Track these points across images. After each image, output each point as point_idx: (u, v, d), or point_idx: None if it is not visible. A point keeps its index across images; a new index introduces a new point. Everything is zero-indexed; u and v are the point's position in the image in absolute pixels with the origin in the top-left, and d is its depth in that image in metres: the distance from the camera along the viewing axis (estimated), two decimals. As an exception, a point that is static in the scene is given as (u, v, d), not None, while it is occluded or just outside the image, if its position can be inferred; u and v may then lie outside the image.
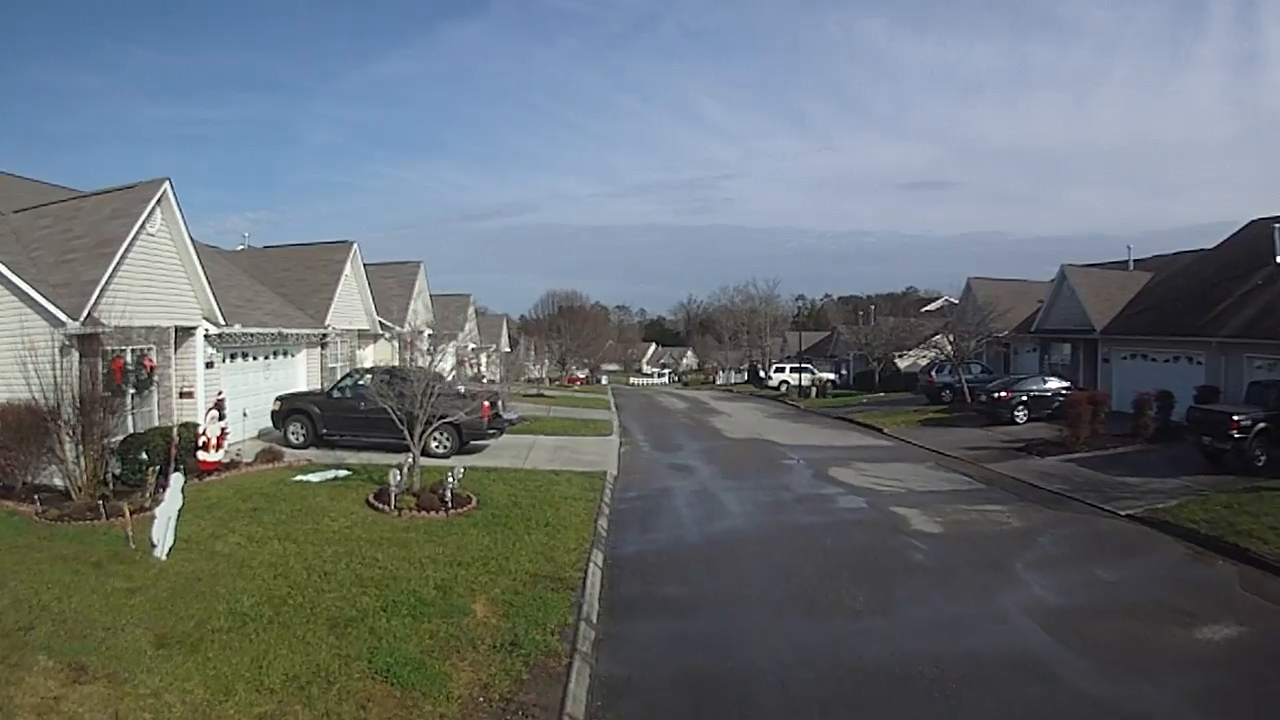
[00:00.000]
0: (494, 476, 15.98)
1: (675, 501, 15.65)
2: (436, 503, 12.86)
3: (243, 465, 16.72)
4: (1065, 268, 32.33)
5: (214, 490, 14.55)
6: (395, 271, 34.68)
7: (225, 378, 19.96)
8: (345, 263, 25.84)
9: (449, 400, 15.50)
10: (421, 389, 13.69)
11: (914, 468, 19.87)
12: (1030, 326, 34.51)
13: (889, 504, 15.37)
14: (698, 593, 9.97)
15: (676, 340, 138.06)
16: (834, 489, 17.08)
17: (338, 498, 13.90)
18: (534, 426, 24.99)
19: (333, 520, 12.45)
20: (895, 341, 49.77)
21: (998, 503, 15.48)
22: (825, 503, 15.76)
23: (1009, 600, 9.87)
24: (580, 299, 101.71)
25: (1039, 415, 25.70)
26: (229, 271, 24.58)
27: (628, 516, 14.04)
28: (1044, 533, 13.23)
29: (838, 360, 64.07)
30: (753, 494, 16.41)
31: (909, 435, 26.13)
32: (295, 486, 14.86)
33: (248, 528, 12.06)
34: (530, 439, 22.46)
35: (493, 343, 60.27)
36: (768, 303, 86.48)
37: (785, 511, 14.81)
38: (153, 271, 16.92)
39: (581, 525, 12.55)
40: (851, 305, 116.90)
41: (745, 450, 23.20)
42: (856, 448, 23.92)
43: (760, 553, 11.83)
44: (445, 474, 13.86)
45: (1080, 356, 31.32)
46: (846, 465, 20.08)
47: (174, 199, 17.19)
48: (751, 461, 20.98)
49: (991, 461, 20.06)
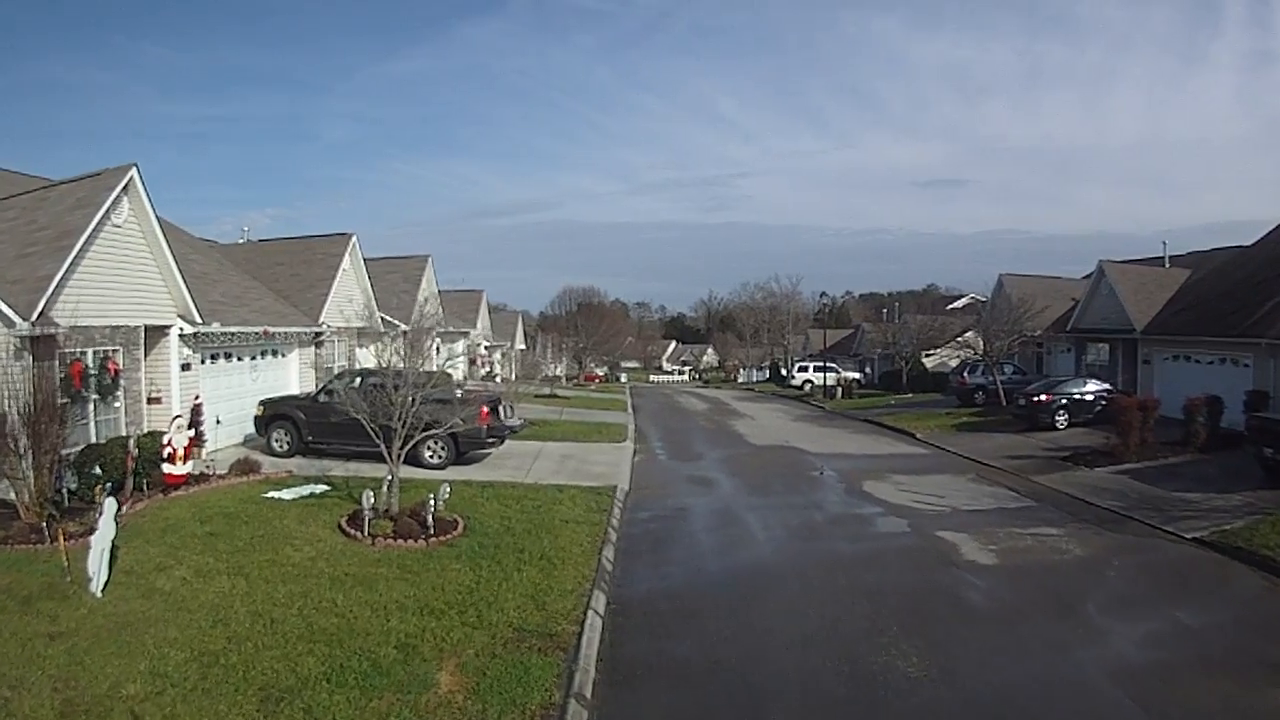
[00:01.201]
0: (489, 494, 14.26)
1: (693, 524, 13.85)
2: (416, 529, 11.16)
3: (214, 478, 15.15)
4: (1104, 264, 30.73)
5: (174, 509, 13.02)
6: (401, 266, 33.20)
7: (206, 381, 18.44)
8: (343, 256, 24.28)
9: (441, 407, 13.89)
10: (401, 398, 11.95)
11: (954, 480, 18.07)
12: (1066, 325, 32.82)
13: (934, 527, 13.53)
14: (719, 653, 8.14)
15: (697, 337, 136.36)
16: (870, 508, 15.25)
17: (308, 520, 12.26)
18: (542, 431, 23.29)
19: (296, 549, 10.83)
20: (924, 340, 47.67)
21: (1052, 524, 13.69)
22: (862, 526, 13.93)
23: (1088, 658, 8.08)
24: (598, 295, 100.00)
25: (1080, 420, 24.22)
26: (219, 266, 23.10)
27: (638, 544, 12.21)
28: (1109, 563, 11.59)
29: (862, 359, 62.16)
30: (780, 514, 14.56)
31: (944, 441, 24.32)
32: (265, 505, 13.25)
33: (199, 558, 10.50)
34: (537, 446, 20.76)
35: (507, 340, 58.76)
36: (789, 299, 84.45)
37: (818, 538, 12.96)
38: (119, 266, 15.44)
39: (583, 557, 10.79)
40: (872, 302, 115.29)
41: (771, 459, 21.34)
42: (890, 456, 22.05)
43: (792, 596, 9.99)
44: (433, 491, 12.24)
45: (1119, 357, 29.72)
46: (881, 478, 18.23)
47: (142, 187, 15.66)
48: (778, 473, 19.12)
49: (1037, 473, 18.37)
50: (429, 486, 14.21)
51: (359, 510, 11.50)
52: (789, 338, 80.00)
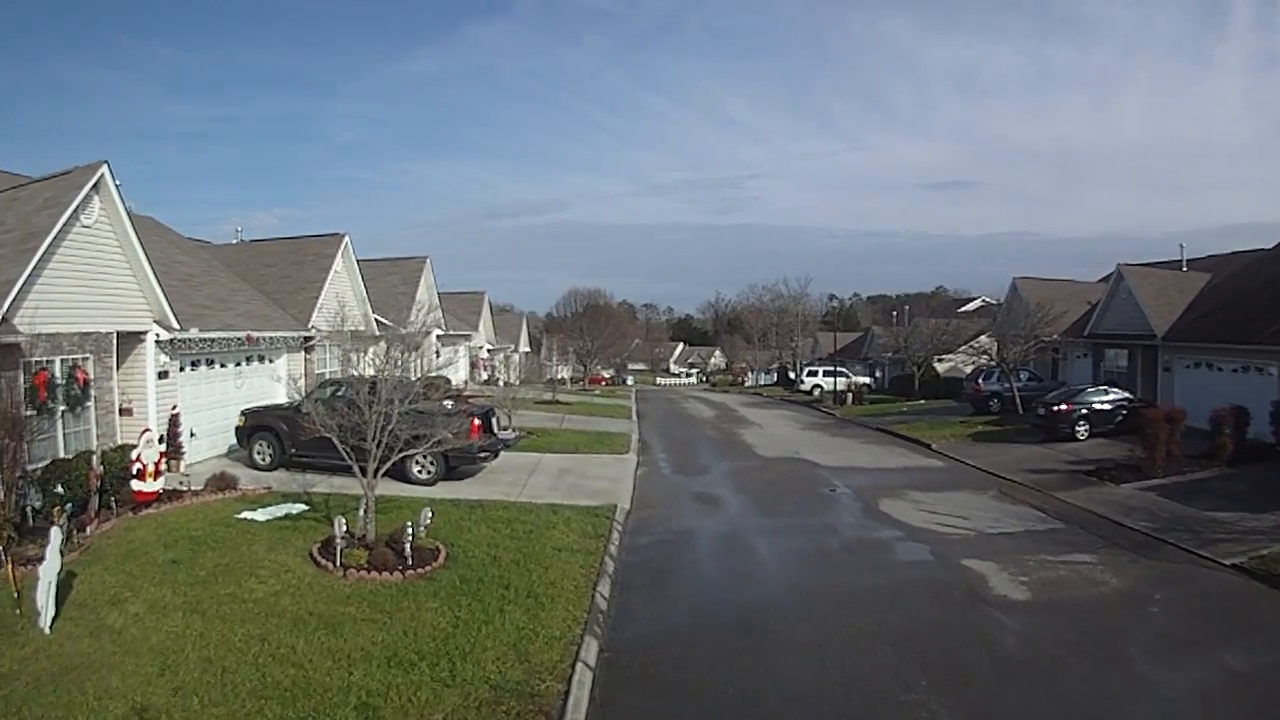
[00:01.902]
0: (477, 515, 13.24)
1: (698, 551, 12.82)
2: (392, 559, 10.18)
3: (188, 495, 14.27)
4: (1122, 267, 29.80)
5: (141, 530, 12.14)
6: (399, 267, 32.31)
7: (186, 389, 17.55)
8: (335, 257, 23.36)
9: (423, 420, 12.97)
10: (375, 414, 10.95)
11: (976, 499, 17.00)
12: (1083, 330, 31.79)
13: (958, 554, 12.47)
14: (725, 714, 7.16)
15: (705, 339, 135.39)
16: (888, 530, 14.21)
17: (278, 546, 11.31)
18: (540, 442, 22.29)
19: (260, 581, 9.88)
20: (937, 345, 46.54)
21: (1083, 549, 12.76)
22: (881, 553, 12.88)
23: (1140, 716, 7.13)
24: (604, 296, 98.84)
25: (1101, 430, 23.26)
26: (207, 268, 22.22)
27: (636, 577, 11.12)
28: (1149, 597, 10.65)
29: (872, 363, 61.02)
30: (792, 539, 13.53)
31: (961, 453, 23.22)
32: (236, 527, 12.31)
33: (156, 590, 9.60)
34: (534, 458, 19.76)
35: (511, 343, 57.81)
36: (798, 302, 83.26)
37: (833, 568, 11.92)
38: (90, 269, 14.56)
39: (575, 593, 9.78)
40: (881, 305, 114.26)
41: (781, 473, 20.28)
42: (906, 470, 20.98)
43: (807, 642, 8.95)
44: (415, 513, 11.31)
45: (1139, 364, 28.70)
46: (898, 495, 17.18)
47: (113, 185, 14.78)
48: (789, 489, 18.08)
49: (1061, 489, 17.37)
50: (414, 506, 13.27)
51: (333, 537, 10.54)
52: (798, 340, 78.76)
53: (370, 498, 10.99)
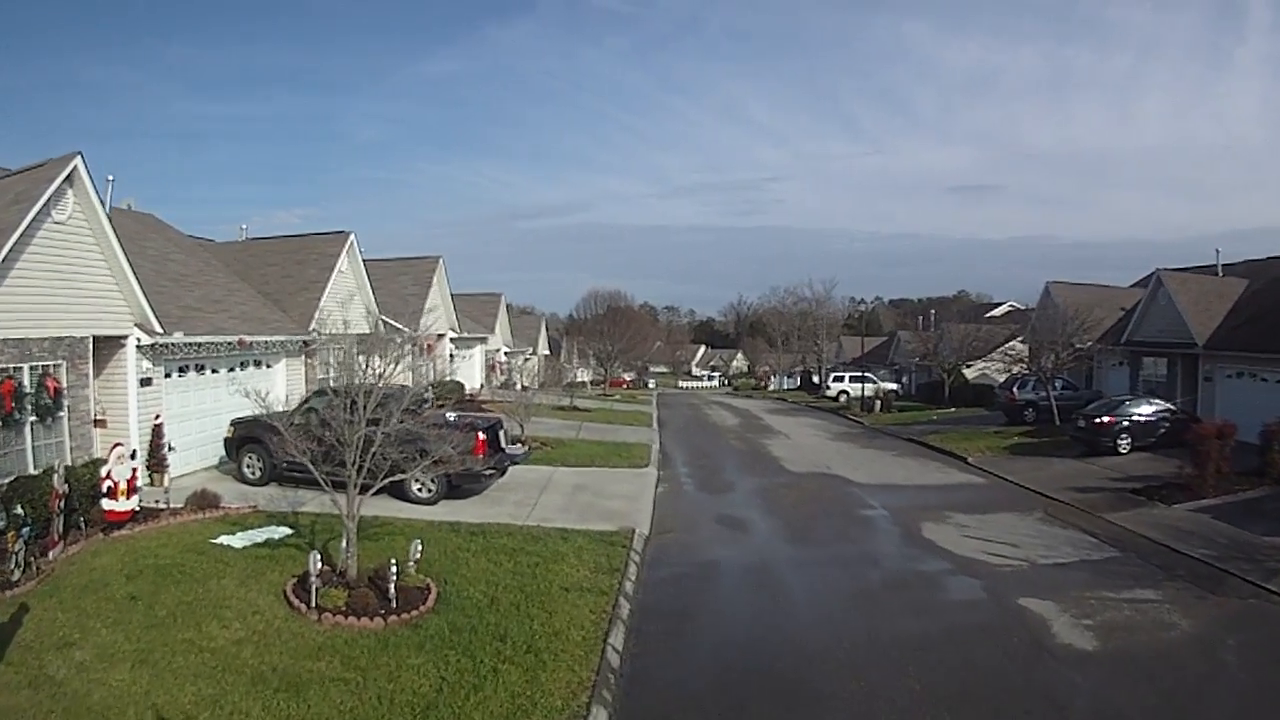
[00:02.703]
0: (477, 544, 11.81)
1: (724, 590, 11.33)
2: (374, 603, 8.86)
3: (165, 515, 13.08)
4: (1161, 273, 28.45)
5: (106, 557, 10.97)
6: (411, 267, 31.09)
7: (174, 397, 16.40)
8: (339, 256, 22.15)
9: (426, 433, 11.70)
10: (355, 432, 9.61)
11: (1022, 522, 15.57)
12: (1119, 338, 30.35)
13: (1014, 591, 11.07)
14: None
15: (726, 342, 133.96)
16: (934, 561, 12.73)
17: (252, 579, 10.03)
18: (554, 454, 20.91)
19: (224, 625, 8.62)
20: (967, 351, 44.79)
21: (1145, 583, 11.52)
22: (929, 591, 11.40)
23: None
24: (625, 298, 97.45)
25: (1143, 444, 22.04)
26: (205, 267, 21.11)
27: (655, 624, 9.66)
28: (1223, 643, 9.47)
29: (898, 369, 59.25)
30: (829, 574, 12.04)
31: (999, 468, 21.75)
32: (209, 555, 11.06)
33: (109, 632, 8.46)
34: (547, 473, 18.38)
35: (529, 346, 56.56)
36: (821, 304, 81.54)
37: (877, 611, 10.42)
38: (63, 269, 13.45)
39: (583, 646, 8.38)
40: (903, 308, 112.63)
41: (812, 491, 18.76)
42: (944, 488, 19.48)
43: (851, 707, 7.51)
44: (409, 540, 10.00)
45: (1178, 374, 27.31)
46: (940, 518, 15.69)
47: (89, 179, 13.63)
48: (822, 511, 16.57)
49: (1109, 510, 16.04)
50: (410, 530, 12.00)
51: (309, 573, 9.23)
52: (822, 344, 77.05)
53: (351, 530, 9.65)
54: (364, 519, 12.22)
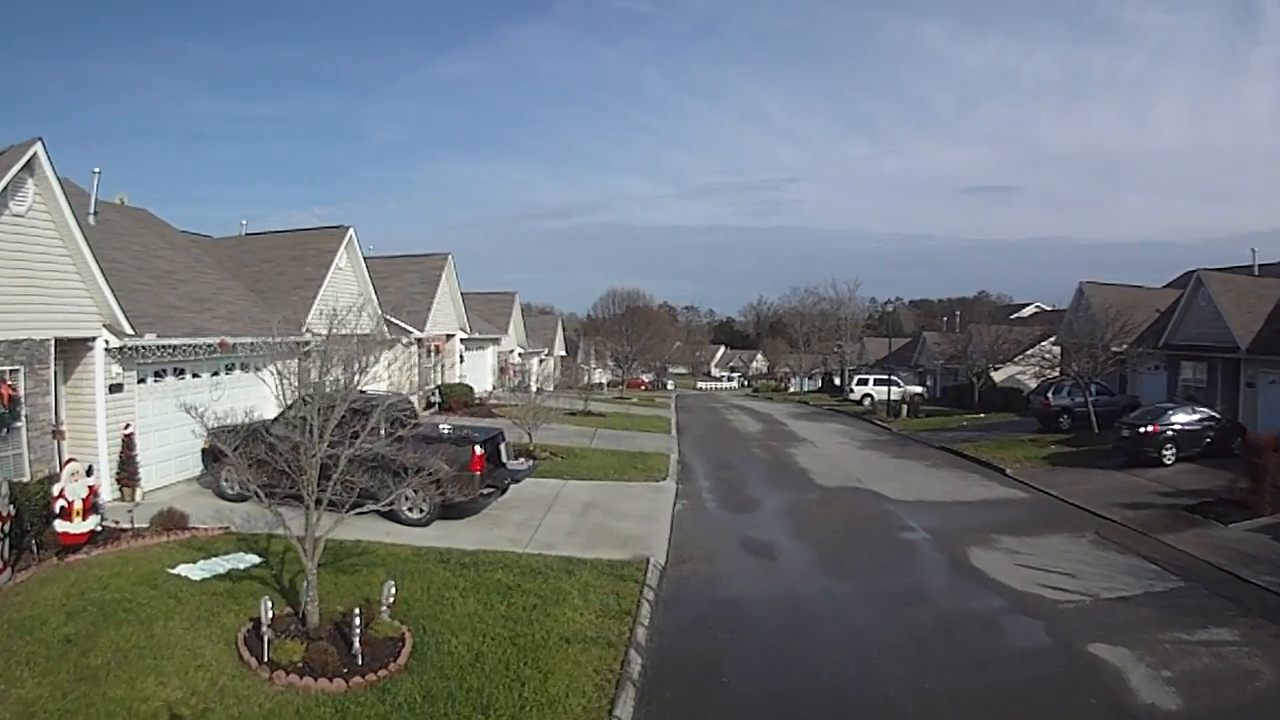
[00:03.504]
0: (468, 579, 10.26)
1: (751, 637, 9.67)
2: (335, 660, 7.42)
3: (126, 537, 11.77)
4: (1202, 273, 27.29)
5: (51, 589, 9.73)
6: (418, 264, 29.78)
7: (150, 403, 15.14)
8: (337, 252, 20.84)
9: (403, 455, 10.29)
10: (316, 451, 8.18)
11: (1075, 545, 14.13)
12: (1158, 340, 28.91)
13: (1080, 635, 9.63)
14: None
15: (746, 343, 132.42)
16: (988, 598, 11.17)
17: (204, 621, 8.65)
18: (565, 465, 19.40)
19: (162, 682, 7.30)
20: (998, 353, 43.02)
21: (1217, 620, 10.25)
22: (986, 635, 9.88)
23: None
24: (643, 297, 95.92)
25: (1188, 454, 20.89)
26: (194, 263, 19.88)
27: (672, 685, 8.04)
28: None
29: (922, 370, 57.47)
30: (871, 614, 10.46)
31: (1040, 481, 20.22)
32: (163, 588, 9.70)
33: (33, 686, 7.32)
34: (555, 487, 16.89)
35: (545, 346, 55.16)
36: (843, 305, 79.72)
37: (931, 664, 8.82)
38: (21, 266, 12.28)
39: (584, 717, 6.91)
40: (923, 309, 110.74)
41: (845, 509, 17.14)
42: (986, 504, 17.93)
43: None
44: (393, 570, 8.57)
45: (1219, 379, 26.12)
46: (987, 541, 14.13)
47: (50, 168, 12.40)
48: (857, 533, 14.97)
49: (1164, 531, 14.67)
50: (393, 560, 10.59)
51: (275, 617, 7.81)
52: (845, 345, 75.18)
53: (310, 571, 8.22)
54: (343, 544, 10.87)
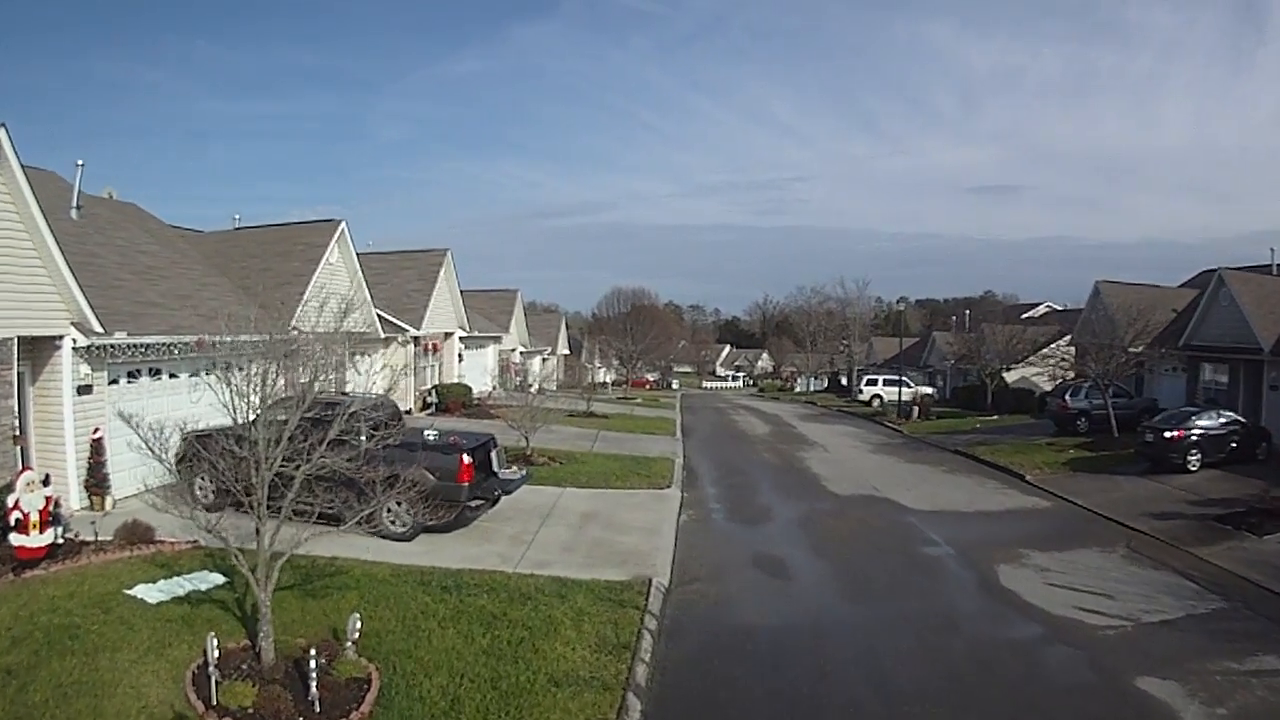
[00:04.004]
0: (449, 606, 9.26)
1: (765, 675, 8.62)
2: (289, 705, 6.48)
3: (88, 551, 10.89)
4: (1224, 272, 26.40)
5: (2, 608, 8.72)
6: (415, 261, 28.88)
7: (127, 405, 14.14)
8: (327, 246, 19.94)
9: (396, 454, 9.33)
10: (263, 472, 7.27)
11: (1107, 560, 13.27)
12: (1177, 341, 27.95)
13: (1125, 666, 8.81)
14: None
15: (752, 342, 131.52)
16: (1022, 623, 10.25)
17: (154, 653, 7.76)
18: (564, 471, 18.41)
19: (95, 731, 6.32)
20: (1011, 354, 42.00)
21: (1266, 646, 9.47)
22: (1024, 667, 8.96)
23: None
24: (649, 296, 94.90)
25: (1213, 460, 20.22)
26: (179, 259, 19.02)
27: None
28: None
29: (931, 371, 56.51)
30: (899, 646, 9.45)
31: (1063, 488, 19.29)
32: (117, 612, 8.84)
33: None
34: (552, 495, 15.93)
35: (548, 345, 54.23)
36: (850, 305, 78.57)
37: (969, 707, 7.82)
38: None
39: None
40: (929, 309, 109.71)
41: (862, 520, 16.12)
42: (1010, 515, 16.96)
43: None
44: (370, 591, 7.67)
45: (1240, 381, 25.33)
46: (1015, 557, 13.19)
47: (14, 158, 11.51)
48: (877, 549, 13.95)
49: (1197, 544, 13.88)
50: (366, 584, 9.68)
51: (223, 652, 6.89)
52: (853, 345, 74.09)
53: (264, 602, 7.29)
54: (316, 561, 9.97)
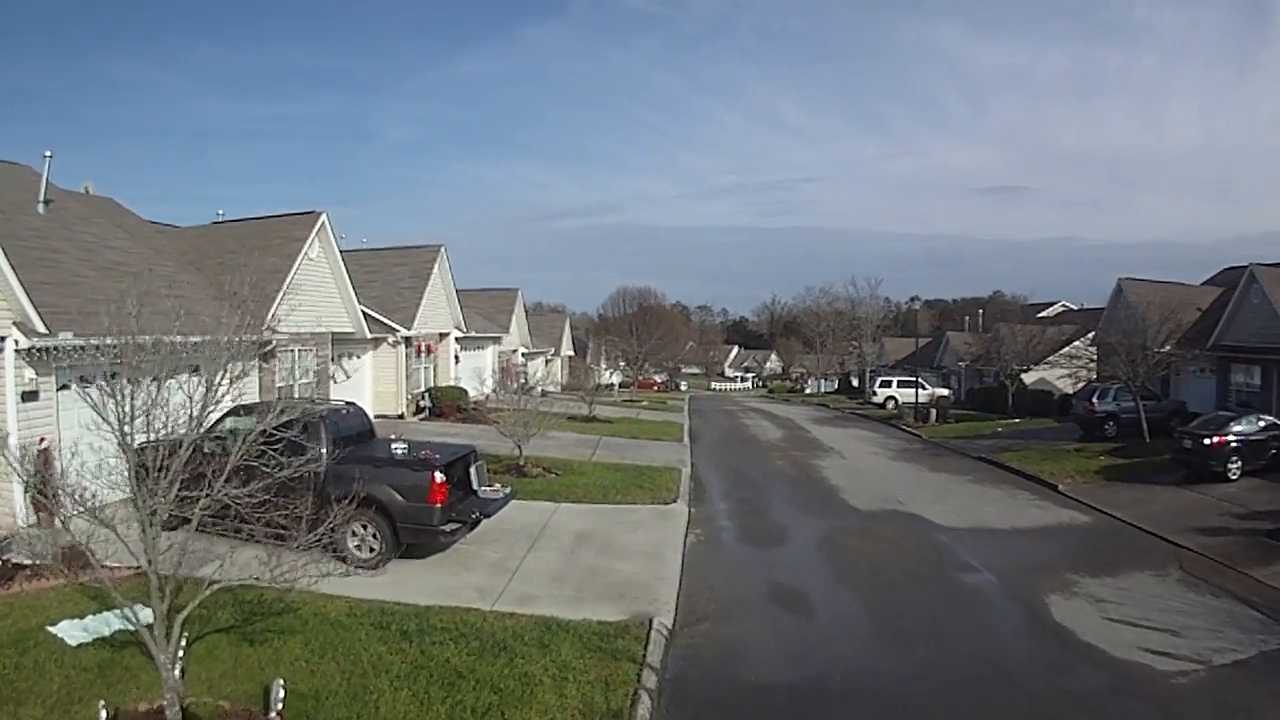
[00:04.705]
0: (407, 658, 7.72)
1: None
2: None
3: (21, 577, 9.65)
4: (1256, 268, 25.46)
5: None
6: (408, 258, 27.53)
7: (73, 413, 12.91)
8: (306, 240, 18.58)
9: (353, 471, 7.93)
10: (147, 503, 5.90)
11: (1162, 585, 11.90)
12: (1205, 341, 26.86)
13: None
14: None
15: (760, 343, 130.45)
16: (1086, 672, 8.71)
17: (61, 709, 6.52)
18: (559, 484, 16.88)
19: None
20: (1031, 354, 40.53)
21: None
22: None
23: None
24: (655, 296, 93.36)
25: (1253, 468, 19.16)
26: (150, 256, 17.79)
27: None
28: None
29: (945, 372, 55.19)
30: (945, 702, 7.93)
31: (1099, 499, 17.89)
32: (32, 654, 7.68)
33: None
34: (545, 512, 14.46)
35: (551, 346, 52.84)
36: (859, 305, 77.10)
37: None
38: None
39: None
40: (938, 309, 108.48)
41: (889, 541, 14.53)
42: (1048, 531, 15.48)
43: None
44: (304, 652, 6.39)
45: (1274, 383, 24.62)
46: (1064, 585, 11.68)
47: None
48: (909, 577, 12.33)
49: (1253, 564, 12.69)
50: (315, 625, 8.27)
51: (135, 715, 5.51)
52: (864, 346, 72.56)
53: (165, 663, 5.88)
54: (263, 595, 8.59)
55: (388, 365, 25.11)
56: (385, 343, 24.75)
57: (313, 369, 19.39)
